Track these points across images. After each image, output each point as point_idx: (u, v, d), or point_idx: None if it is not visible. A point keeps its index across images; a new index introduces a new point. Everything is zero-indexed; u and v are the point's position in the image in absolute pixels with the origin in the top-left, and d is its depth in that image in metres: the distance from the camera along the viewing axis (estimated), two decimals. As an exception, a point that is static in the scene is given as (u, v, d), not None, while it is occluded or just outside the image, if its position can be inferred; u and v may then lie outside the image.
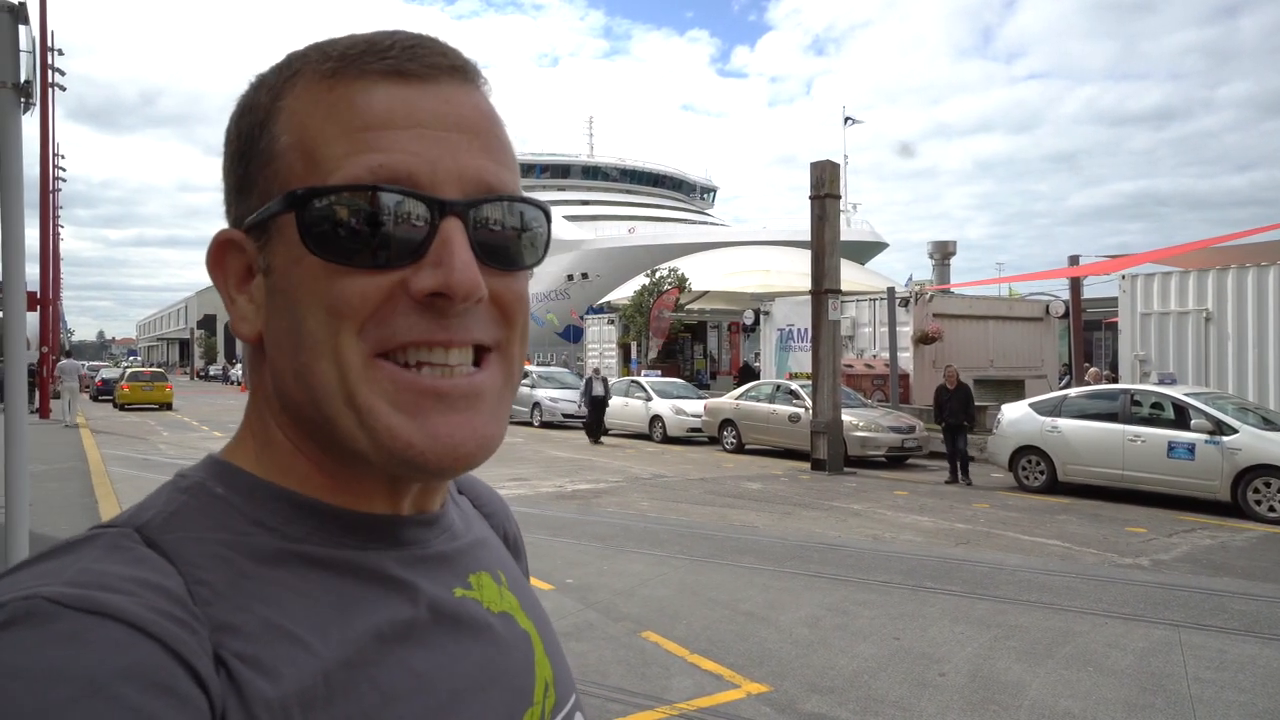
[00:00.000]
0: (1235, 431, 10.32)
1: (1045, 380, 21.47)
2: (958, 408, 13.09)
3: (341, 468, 0.60)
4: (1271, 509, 9.92)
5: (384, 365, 0.56)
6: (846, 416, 14.94)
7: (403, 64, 0.57)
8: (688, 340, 32.14)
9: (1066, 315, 21.08)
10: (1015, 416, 12.60)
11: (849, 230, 40.03)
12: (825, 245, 14.70)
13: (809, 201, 14.90)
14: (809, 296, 15.34)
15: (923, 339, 19.87)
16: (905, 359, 19.85)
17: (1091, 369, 18.06)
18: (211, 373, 73.28)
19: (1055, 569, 7.63)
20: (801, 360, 20.10)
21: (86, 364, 47.15)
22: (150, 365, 61.60)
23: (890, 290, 20.81)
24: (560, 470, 14.03)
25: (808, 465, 14.70)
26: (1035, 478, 12.15)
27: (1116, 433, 11.30)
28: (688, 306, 30.77)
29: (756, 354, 25.83)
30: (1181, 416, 10.88)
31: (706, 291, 31.13)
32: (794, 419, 16.03)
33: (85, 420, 22.76)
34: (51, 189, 31.58)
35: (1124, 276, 15.97)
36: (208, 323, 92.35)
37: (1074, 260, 20.22)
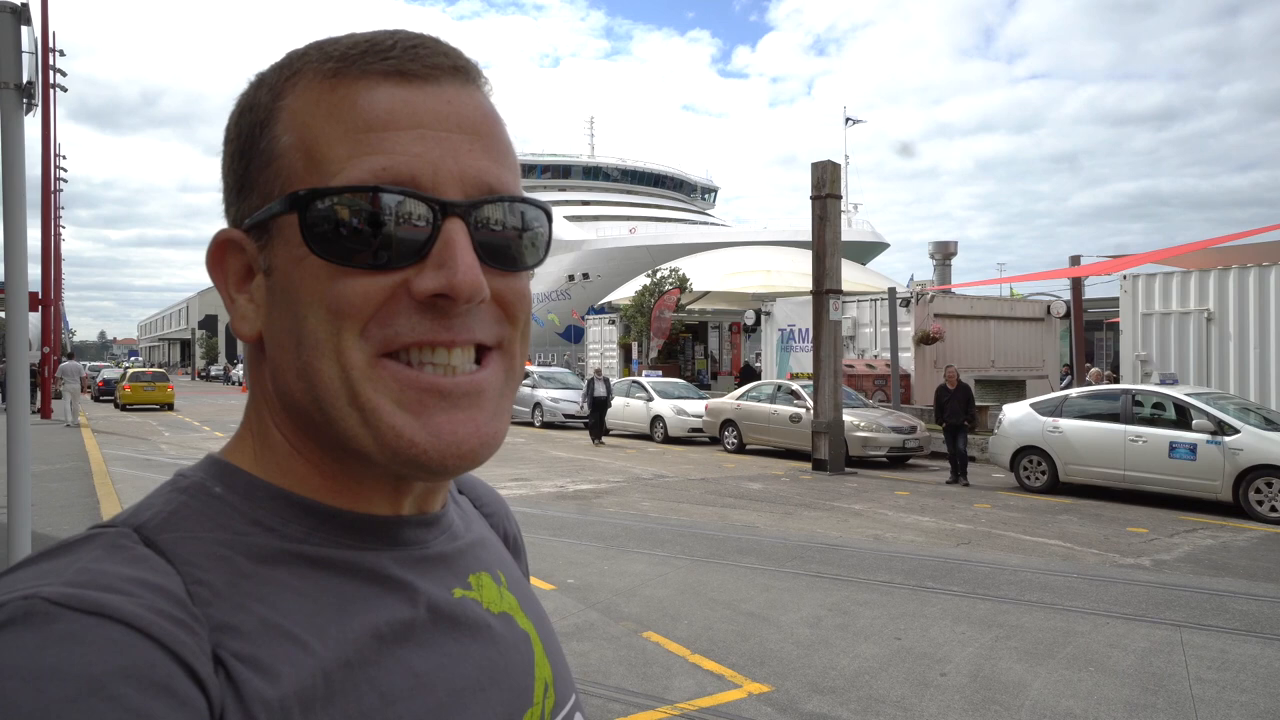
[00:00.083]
0: (1237, 432, 10.31)
1: (1046, 380, 21.44)
2: (958, 408, 13.07)
3: (341, 468, 0.59)
4: (1273, 509, 9.91)
5: (388, 364, 0.56)
6: (848, 417, 14.93)
7: (404, 64, 0.57)
8: (689, 340, 32.15)
9: (1068, 315, 21.05)
10: (1016, 417, 12.59)
11: (850, 230, 40.11)
12: (826, 245, 14.69)
13: (810, 202, 14.89)
14: (810, 297, 15.33)
15: (924, 339, 19.86)
16: (906, 359, 19.82)
17: (1093, 369, 18.04)
18: (213, 373, 73.32)
19: (1056, 569, 7.63)
20: (803, 360, 20.11)
21: (88, 364, 47.16)
22: (152, 365, 61.62)
23: (891, 290, 20.78)
24: (561, 470, 14.03)
25: (809, 465, 14.69)
26: (1036, 478, 12.15)
27: (1118, 433, 11.29)
28: (689, 307, 30.77)
29: (757, 354, 25.82)
30: (1183, 417, 10.88)
31: (707, 292, 31.12)
32: (795, 419, 16.02)
33: (87, 420, 22.78)
34: (53, 189, 31.66)
35: (1125, 277, 15.95)
36: (209, 323, 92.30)
37: (1075, 260, 20.21)
